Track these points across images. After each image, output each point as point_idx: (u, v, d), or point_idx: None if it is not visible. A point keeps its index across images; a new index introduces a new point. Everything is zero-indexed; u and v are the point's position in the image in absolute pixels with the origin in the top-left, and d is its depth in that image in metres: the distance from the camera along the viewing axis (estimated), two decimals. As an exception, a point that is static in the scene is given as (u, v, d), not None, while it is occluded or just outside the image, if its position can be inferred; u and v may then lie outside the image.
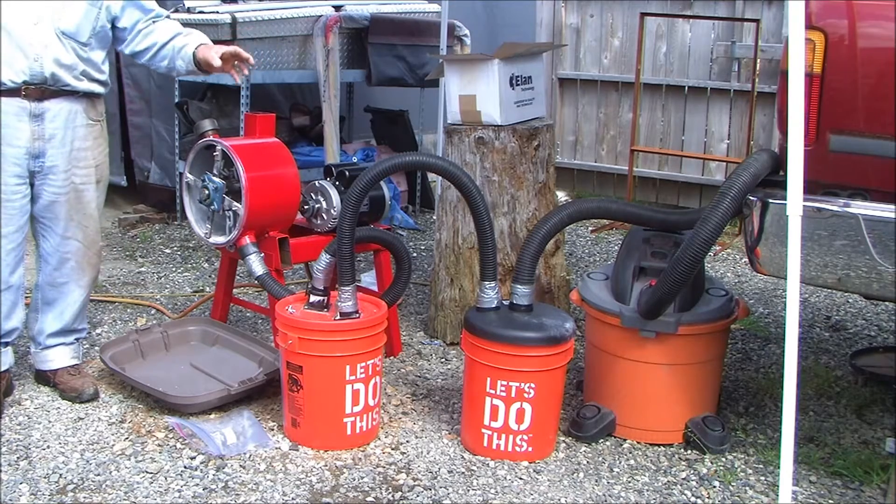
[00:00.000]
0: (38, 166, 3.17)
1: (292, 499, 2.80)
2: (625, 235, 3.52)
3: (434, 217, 5.42)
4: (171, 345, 3.77)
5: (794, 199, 2.52)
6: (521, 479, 2.96)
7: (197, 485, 2.86)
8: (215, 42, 3.13)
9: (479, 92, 3.91)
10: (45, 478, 2.89)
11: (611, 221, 6.03)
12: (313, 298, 3.16)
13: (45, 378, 3.50)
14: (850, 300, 4.82)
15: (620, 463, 3.09)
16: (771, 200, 2.80)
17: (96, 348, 3.80)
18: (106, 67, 3.31)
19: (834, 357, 4.07)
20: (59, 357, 3.47)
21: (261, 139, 3.71)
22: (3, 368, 3.32)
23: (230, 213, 3.56)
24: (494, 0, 7.79)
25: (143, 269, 5.20)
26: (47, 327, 3.43)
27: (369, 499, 2.81)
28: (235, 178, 3.50)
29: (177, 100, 5.95)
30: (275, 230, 3.61)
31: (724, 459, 3.12)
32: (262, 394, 3.46)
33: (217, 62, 3.29)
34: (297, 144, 6.11)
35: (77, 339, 3.54)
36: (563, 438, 3.23)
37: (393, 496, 2.83)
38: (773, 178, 2.91)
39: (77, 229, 3.32)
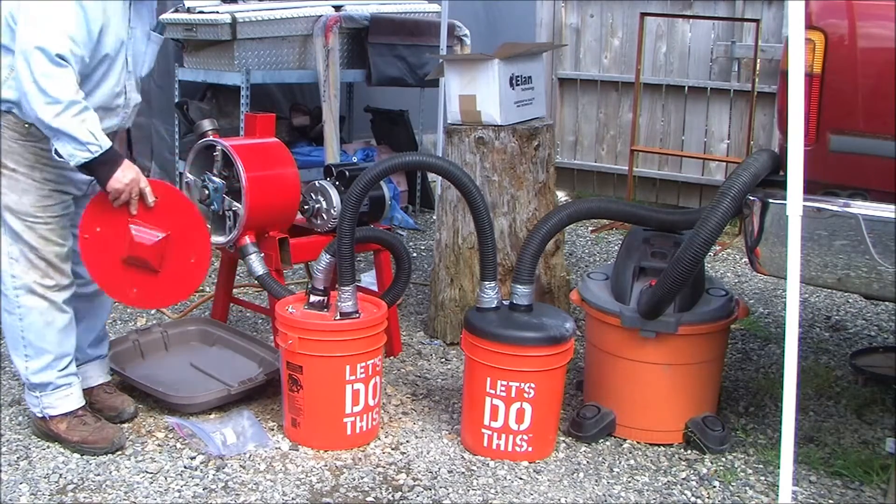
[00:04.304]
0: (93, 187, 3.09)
1: (292, 499, 2.80)
2: (625, 235, 3.52)
3: (434, 217, 5.42)
4: (171, 345, 3.77)
5: (794, 199, 2.52)
6: (521, 479, 2.96)
7: (197, 485, 2.86)
8: (216, 42, 3.06)
9: (479, 92, 3.91)
10: (45, 478, 2.89)
11: (611, 221, 6.03)
12: (313, 298, 3.16)
13: None
14: (850, 300, 4.81)
15: (620, 463, 3.09)
16: (771, 200, 2.80)
17: (96, 348, 3.80)
18: None
19: (834, 357, 4.07)
20: (95, 373, 3.33)
21: (261, 139, 3.71)
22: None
23: (230, 213, 3.56)
24: (494, 0, 7.79)
25: (143, 269, 5.20)
26: (83, 341, 3.25)
27: (369, 499, 2.82)
28: (235, 178, 3.50)
29: (177, 100, 5.95)
30: (275, 230, 3.61)
31: (724, 459, 3.12)
32: (262, 394, 3.46)
33: None
34: (297, 144, 6.10)
35: (108, 347, 3.41)
36: (563, 438, 3.23)
37: (393, 496, 2.83)
38: (773, 178, 2.91)
39: None
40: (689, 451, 3.17)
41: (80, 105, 2.73)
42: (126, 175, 2.86)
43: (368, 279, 4.47)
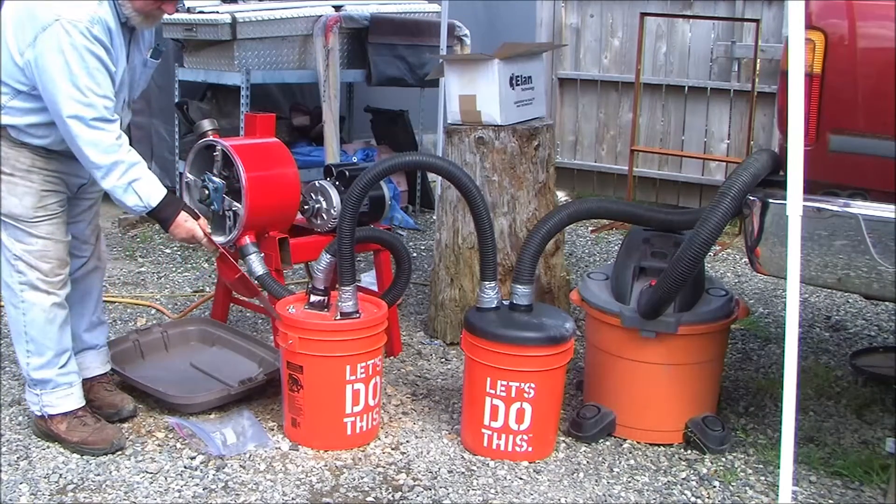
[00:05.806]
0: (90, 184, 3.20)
1: (292, 499, 2.80)
2: (625, 235, 3.52)
3: (434, 217, 5.42)
4: (171, 345, 3.77)
5: (794, 199, 2.52)
6: (521, 479, 2.96)
7: (197, 485, 2.86)
8: (216, 42, 3.08)
9: (479, 92, 3.91)
10: (45, 478, 2.89)
11: (611, 221, 6.03)
12: (313, 298, 3.16)
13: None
14: (850, 300, 4.82)
15: (620, 463, 3.09)
16: (771, 200, 2.80)
17: (96, 348, 3.80)
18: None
19: (834, 357, 4.07)
20: (93, 363, 3.34)
21: (261, 139, 3.71)
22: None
23: (230, 213, 3.55)
24: (494, 0, 7.79)
25: (143, 269, 5.20)
26: (77, 326, 3.26)
27: (369, 499, 2.82)
28: (235, 178, 3.50)
29: (177, 100, 5.95)
30: (275, 230, 3.61)
31: (724, 459, 3.12)
32: (262, 394, 3.46)
33: None
34: (297, 144, 6.10)
35: (106, 338, 3.44)
36: (563, 438, 3.23)
37: (393, 496, 2.83)
38: (773, 178, 2.91)
39: (96, 216, 3.34)
40: (689, 451, 3.17)
41: (123, 165, 2.87)
42: (179, 231, 3.09)
43: (368, 279, 4.46)
